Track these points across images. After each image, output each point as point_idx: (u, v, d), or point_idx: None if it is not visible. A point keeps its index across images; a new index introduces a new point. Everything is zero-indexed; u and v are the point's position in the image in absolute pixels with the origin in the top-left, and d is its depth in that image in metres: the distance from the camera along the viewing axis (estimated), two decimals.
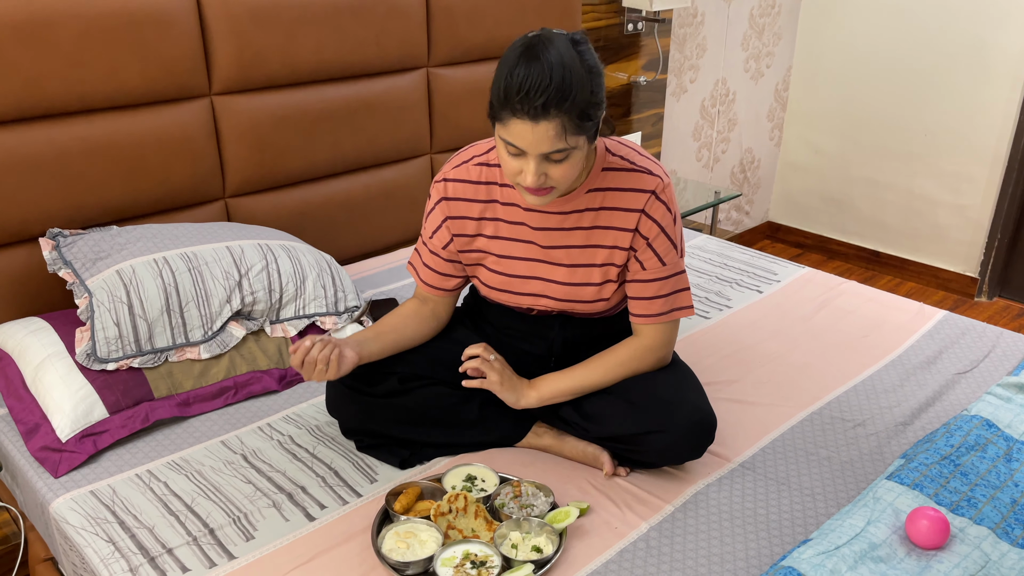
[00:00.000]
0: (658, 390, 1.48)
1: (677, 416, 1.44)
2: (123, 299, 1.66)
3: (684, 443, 1.45)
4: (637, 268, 1.47)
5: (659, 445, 1.45)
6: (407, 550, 1.30)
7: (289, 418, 1.69)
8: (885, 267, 3.85)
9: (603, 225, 1.45)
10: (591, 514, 1.43)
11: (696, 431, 1.45)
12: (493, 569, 1.26)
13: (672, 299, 1.49)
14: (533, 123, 1.24)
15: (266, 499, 1.45)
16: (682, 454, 1.47)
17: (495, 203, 1.48)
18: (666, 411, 1.45)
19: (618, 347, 1.52)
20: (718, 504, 1.46)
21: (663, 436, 1.44)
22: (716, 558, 1.33)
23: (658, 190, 1.42)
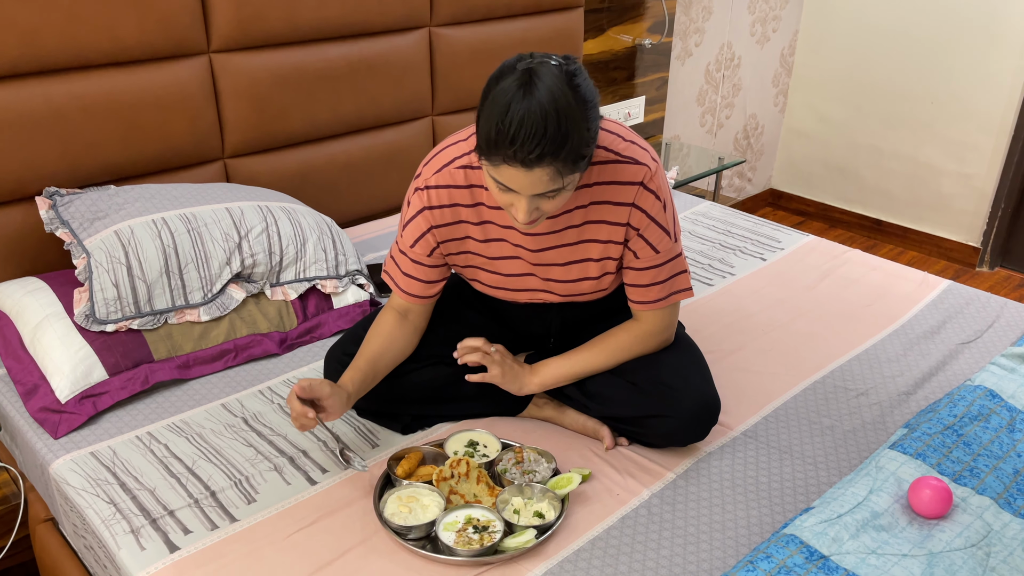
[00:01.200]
0: (662, 374, 1.46)
1: (681, 401, 1.43)
2: (122, 260, 1.64)
3: (687, 428, 1.44)
4: (631, 257, 1.41)
5: (662, 429, 1.45)
6: (409, 514, 1.29)
7: (290, 382, 1.68)
8: (887, 236, 3.84)
9: (594, 220, 1.38)
10: (593, 481, 1.42)
11: (700, 416, 1.44)
12: (495, 534, 1.26)
13: (670, 284, 1.44)
14: (527, 170, 1.16)
15: (267, 462, 1.45)
16: (685, 437, 1.46)
17: (481, 206, 1.40)
18: (669, 396, 1.43)
19: (619, 331, 1.49)
20: (720, 472, 1.46)
21: (666, 421, 1.43)
22: (718, 525, 1.33)
23: (646, 180, 1.35)
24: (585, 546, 1.29)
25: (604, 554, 1.27)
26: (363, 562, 1.24)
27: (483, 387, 1.56)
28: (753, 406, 1.64)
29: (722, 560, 1.26)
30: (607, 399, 1.49)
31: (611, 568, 1.24)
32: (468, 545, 1.24)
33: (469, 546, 1.24)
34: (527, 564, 1.25)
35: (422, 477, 1.39)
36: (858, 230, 3.92)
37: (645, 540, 1.30)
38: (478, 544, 1.24)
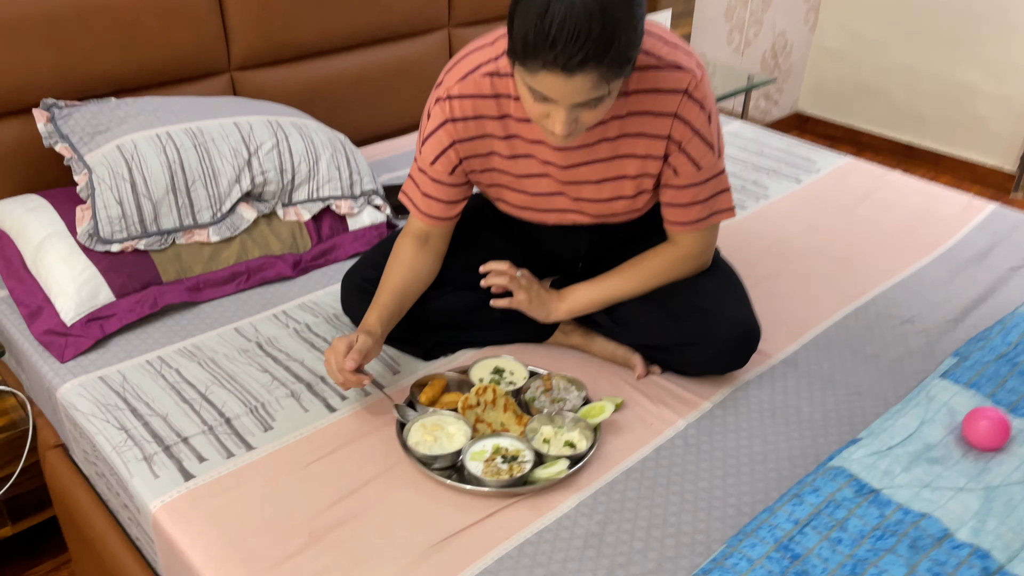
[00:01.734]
0: (698, 299, 1.37)
1: (718, 327, 1.34)
2: (125, 176, 1.55)
3: (725, 355, 1.36)
4: (670, 174, 1.30)
5: (698, 357, 1.37)
6: (434, 443, 1.23)
7: (305, 306, 1.60)
8: (918, 161, 3.70)
9: (631, 133, 1.27)
10: (625, 410, 1.36)
11: (739, 343, 1.35)
12: (525, 464, 1.20)
13: (711, 203, 1.33)
14: (567, 76, 1.05)
15: (284, 388, 1.38)
16: (722, 365, 1.38)
17: (508, 119, 1.28)
18: (706, 322, 1.35)
19: (653, 255, 1.40)
20: (759, 402, 1.38)
21: (703, 348, 1.35)
22: (758, 456, 1.27)
23: (691, 88, 1.24)
24: (619, 477, 1.22)
25: (639, 485, 1.21)
26: (386, 492, 1.18)
27: (508, 313, 1.48)
28: (792, 333, 1.56)
29: (764, 493, 1.20)
30: (639, 326, 1.41)
31: (646, 500, 1.18)
32: (497, 475, 1.18)
33: (498, 476, 1.17)
34: (558, 495, 1.19)
35: (446, 405, 1.32)
36: (888, 155, 3.78)
37: (682, 472, 1.24)
38: (507, 475, 1.18)
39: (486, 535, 1.12)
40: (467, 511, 1.15)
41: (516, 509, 1.16)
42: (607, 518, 1.15)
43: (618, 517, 1.15)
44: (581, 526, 1.14)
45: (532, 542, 1.11)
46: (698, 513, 1.16)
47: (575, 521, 1.15)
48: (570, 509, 1.16)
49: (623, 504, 1.18)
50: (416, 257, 1.40)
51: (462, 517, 1.14)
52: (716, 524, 1.15)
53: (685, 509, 1.17)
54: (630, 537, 1.12)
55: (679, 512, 1.17)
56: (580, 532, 1.13)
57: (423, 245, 1.41)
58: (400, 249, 1.40)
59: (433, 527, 1.13)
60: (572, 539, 1.12)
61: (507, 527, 1.13)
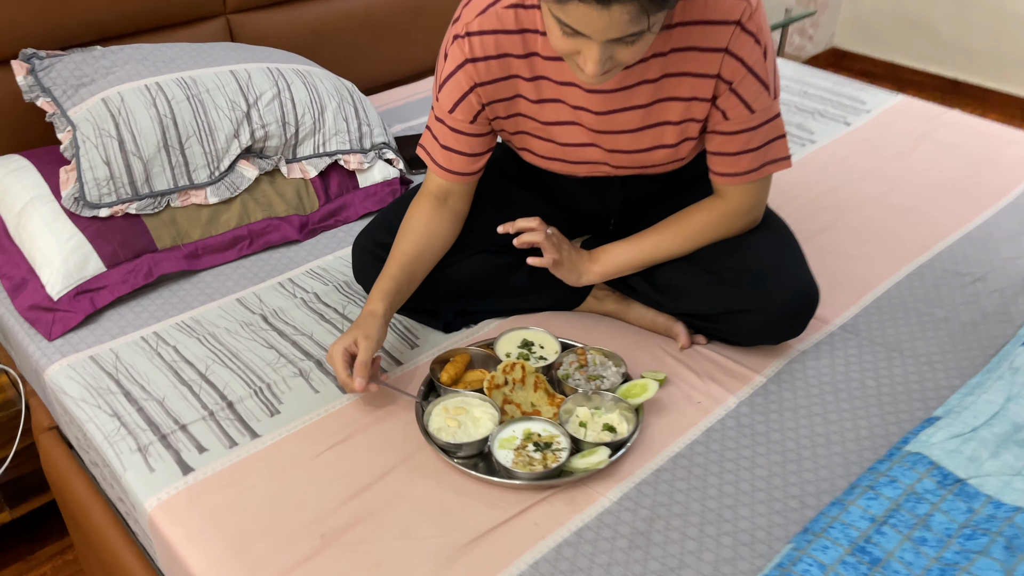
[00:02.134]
0: (749, 260, 1.22)
1: (773, 292, 1.19)
2: (112, 133, 1.41)
3: (780, 324, 1.22)
4: (719, 119, 1.15)
5: (750, 326, 1.22)
6: (458, 429, 1.10)
7: (314, 273, 1.47)
8: (964, 98, 3.47)
9: (675, 72, 1.12)
10: (668, 386, 1.22)
11: (795, 309, 1.21)
12: (560, 452, 1.07)
13: (764, 152, 1.18)
14: (602, 7, 0.90)
15: (291, 367, 1.25)
16: (777, 335, 1.24)
17: (535, 57, 1.14)
18: (760, 286, 1.20)
19: (697, 210, 1.24)
20: (818, 375, 1.24)
21: (755, 316, 1.21)
22: (821, 438, 1.13)
23: (744, 18, 1.08)
24: (666, 465, 1.09)
25: (688, 474, 1.08)
26: (406, 485, 1.06)
27: (535, 278, 1.34)
28: (850, 295, 1.40)
29: (830, 482, 1.07)
30: (681, 292, 1.26)
31: (697, 491, 1.05)
32: (529, 466, 1.05)
33: (530, 467, 1.05)
34: (598, 487, 1.06)
35: (471, 384, 1.19)
36: (931, 92, 3.55)
37: (735, 457, 1.10)
38: (540, 465, 1.05)
39: (519, 535, 1.00)
40: (496, 507, 1.03)
41: (551, 504, 1.04)
42: (654, 513, 1.02)
43: (666, 512, 1.03)
44: (625, 523, 1.01)
45: (571, 543, 0.99)
46: (756, 506, 1.03)
47: (618, 517, 1.02)
48: (612, 503, 1.04)
49: (671, 496, 1.05)
50: (432, 220, 1.25)
51: (491, 514, 1.02)
52: (777, 519, 1.02)
53: (741, 502, 1.04)
54: (681, 536, 1.00)
55: (735, 505, 1.04)
56: (624, 530, 1.00)
57: (441, 205, 1.26)
58: (414, 213, 1.26)
59: (459, 526, 1.01)
60: (616, 538, 0.99)
61: (542, 525, 1.01)
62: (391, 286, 1.20)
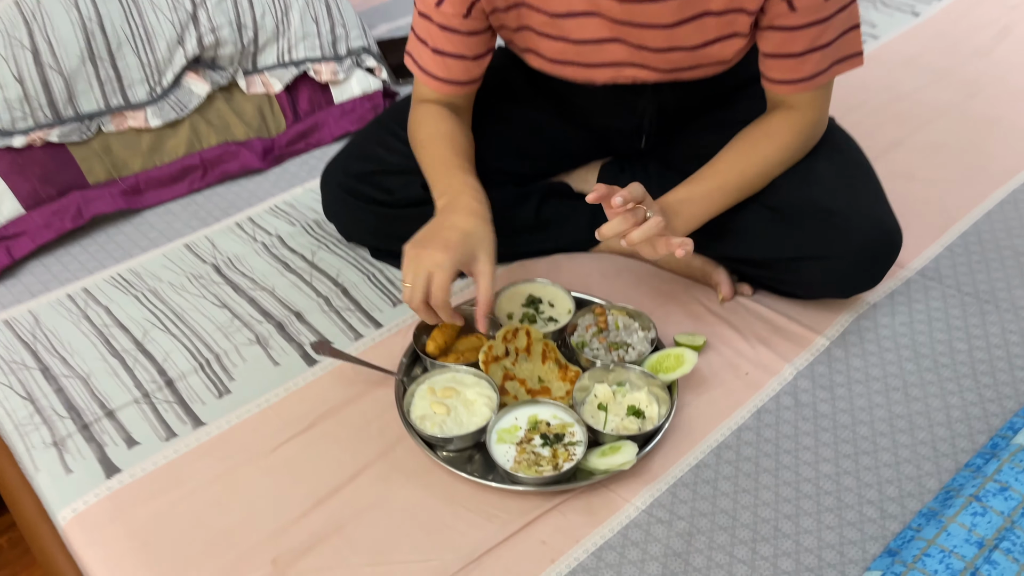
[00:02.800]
0: (818, 193, 0.96)
1: (849, 235, 0.95)
2: (24, 43, 1.15)
3: (854, 273, 0.97)
4: (781, 9, 0.88)
5: (817, 276, 0.98)
6: (447, 417, 0.88)
7: (278, 210, 1.23)
8: None
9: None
10: (707, 352, 0.99)
11: (874, 255, 0.96)
12: (575, 448, 0.85)
13: (835, 48, 0.92)
14: None
15: (247, 332, 1.03)
16: (848, 286, 1.00)
17: None
18: (832, 227, 0.95)
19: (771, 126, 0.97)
20: (893, 335, 1.01)
21: (825, 264, 0.96)
22: (901, 421, 0.90)
23: None
24: (707, 459, 0.87)
25: (736, 471, 0.86)
26: (382, 490, 0.85)
27: (544, 214, 1.11)
28: (928, 232, 1.15)
29: (916, 481, 0.84)
30: (732, 232, 1.01)
31: (748, 495, 0.84)
32: (535, 468, 0.83)
33: (537, 469, 0.83)
34: (622, 490, 0.84)
35: (464, 355, 0.96)
36: None
37: (795, 447, 0.88)
38: (549, 465, 0.83)
39: (522, 557, 0.79)
40: (494, 519, 0.82)
41: (563, 514, 0.82)
42: (693, 526, 0.81)
43: (709, 524, 0.81)
44: (657, 540, 0.80)
45: (588, 568, 0.78)
46: (823, 516, 0.82)
47: (648, 532, 0.81)
48: (640, 513, 0.82)
49: (715, 503, 0.83)
50: (450, 119, 1.00)
51: (487, 529, 0.81)
52: (851, 534, 0.80)
53: (803, 509, 0.82)
54: (728, 558, 0.78)
55: (795, 515, 0.82)
56: (656, 550, 0.79)
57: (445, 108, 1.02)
58: (430, 114, 1.01)
59: (446, 546, 0.80)
60: (645, 561, 0.78)
61: (552, 544, 0.80)
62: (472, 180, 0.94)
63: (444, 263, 0.86)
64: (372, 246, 1.13)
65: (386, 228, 1.07)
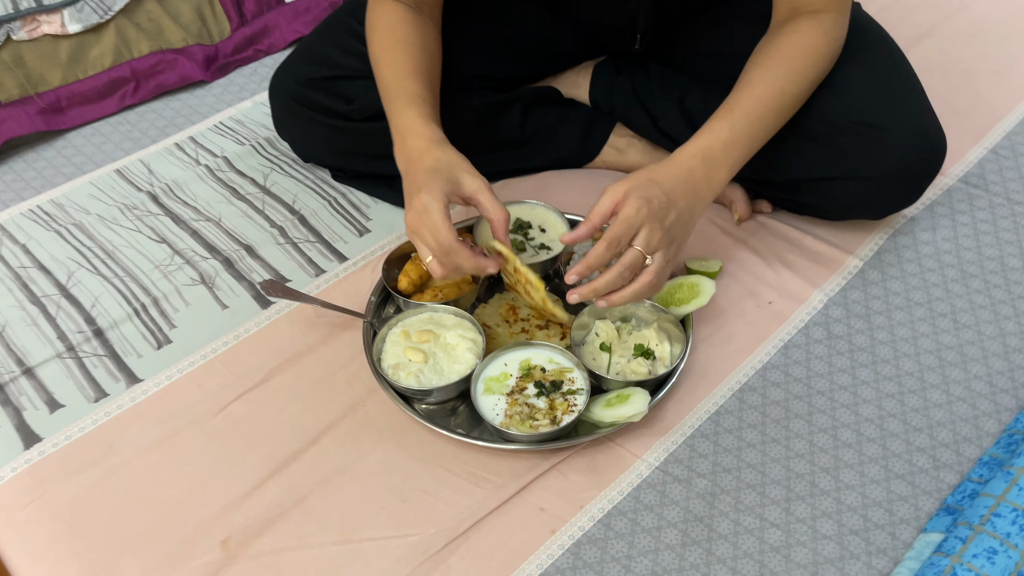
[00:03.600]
0: (851, 101, 0.81)
1: (889, 152, 0.80)
2: None
3: (895, 192, 0.84)
4: None
5: (851, 198, 0.84)
6: (425, 365, 0.75)
7: (225, 128, 1.07)
8: None
9: None
10: (724, 278, 0.86)
11: (917, 170, 0.82)
12: (576, 397, 0.72)
13: None
14: None
15: (190, 270, 0.89)
16: (885, 206, 0.86)
17: None
18: (870, 144, 0.80)
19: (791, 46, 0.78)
20: (936, 253, 0.88)
21: (862, 184, 0.82)
22: (951, 353, 0.78)
23: None
24: (729, 404, 0.75)
25: (763, 418, 0.74)
26: (350, 454, 0.72)
27: (530, 125, 0.96)
28: (970, 133, 1.01)
29: (973, 423, 0.73)
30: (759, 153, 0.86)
31: (779, 446, 0.72)
32: (529, 424, 0.70)
33: (531, 426, 0.70)
34: (633, 445, 0.72)
35: (443, 291, 0.82)
36: None
37: (829, 387, 0.76)
38: (546, 419, 0.71)
39: (517, 529, 0.67)
40: (484, 483, 0.70)
41: (564, 476, 0.70)
42: (716, 484, 0.69)
43: (735, 482, 0.69)
44: (675, 502, 0.68)
45: (595, 538, 0.66)
46: (867, 468, 0.70)
47: (664, 494, 0.69)
48: (654, 471, 0.70)
49: (740, 456, 0.71)
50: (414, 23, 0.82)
51: (475, 496, 0.69)
52: (900, 488, 0.69)
53: (843, 460, 0.71)
54: (759, 522, 0.67)
55: (835, 467, 0.70)
56: (675, 515, 0.67)
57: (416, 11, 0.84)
58: (387, 15, 0.82)
59: (428, 518, 0.68)
60: (662, 528, 0.67)
61: (552, 511, 0.68)
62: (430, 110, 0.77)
63: (429, 201, 0.69)
64: (332, 166, 0.97)
65: (347, 145, 0.91)
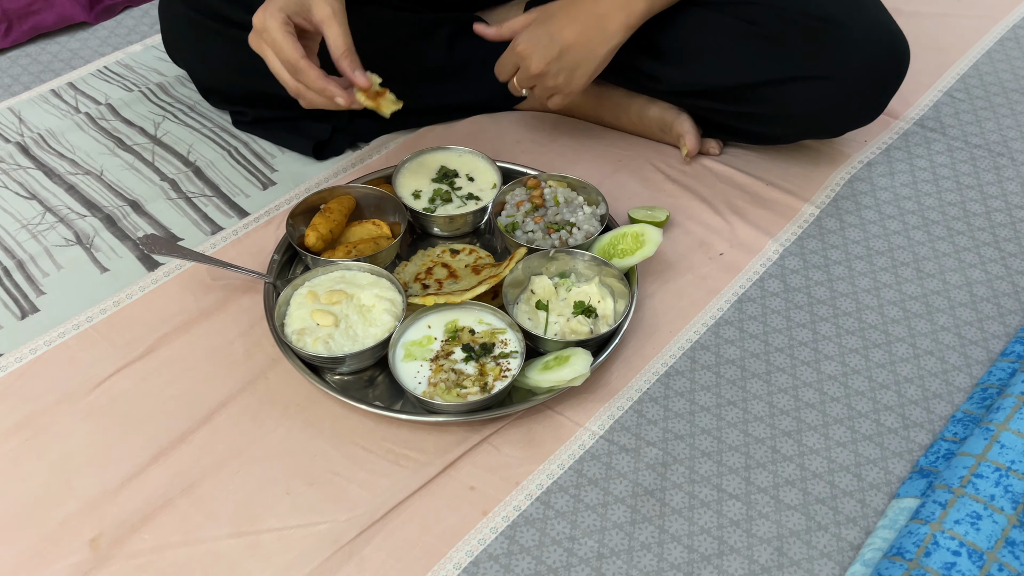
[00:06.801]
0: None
1: (852, 48, 0.73)
2: None
3: (856, 98, 0.76)
4: None
5: (807, 104, 0.76)
6: (335, 329, 0.65)
7: (110, 73, 0.95)
8: None
9: None
10: (670, 229, 0.78)
11: (882, 75, 0.76)
12: (510, 360, 0.64)
13: None
14: None
15: (64, 229, 0.77)
16: (847, 117, 0.79)
17: None
18: (831, 40, 0.73)
19: None
20: (895, 199, 0.81)
21: (821, 86, 0.75)
22: (916, 304, 0.72)
23: None
24: (679, 364, 0.67)
25: (717, 379, 0.66)
26: (249, 431, 0.63)
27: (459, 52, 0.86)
28: (923, 75, 0.95)
29: (942, 378, 0.66)
30: (698, 54, 0.78)
31: (736, 409, 0.64)
32: (455, 391, 0.62)
33: (458, 393, 0.61)
34: (574, 412, 0.64)
35: (357, 247, 0.72)
36: None
37: (788, 343, 0.69)
38: (476, 387, 0.62)
39: (444, 511, 0.58)
40: (405, 462, 0.61)
41: (497, 449, 0.62)
42: (668, 453, 0.62)
43: (688, 450, 0.62)
44: (622, 474, 0.60)
45: (533, 519, 0.58)
46: (831, 429, 0.63)
47: (609, 465, 0.61)
48: (598, 440, 0.62)
49: (693, 422, 0.63)
50: None
51: (396, 477, 0.60)
52: (868, 450, 0.62)
53: (806, 423, 0.64)
54: (717, 493, 0.59)
55: (797, 430, 0.63)
56: (622, 489, 0.59)
57: None
58: None
59: (340, 503, 0.58)
60: (608, 504, 0.59)
61: (483, 490, 0.59)
62: None
63: (265, 19, 0.65)
64: (233, 98, 0.86)
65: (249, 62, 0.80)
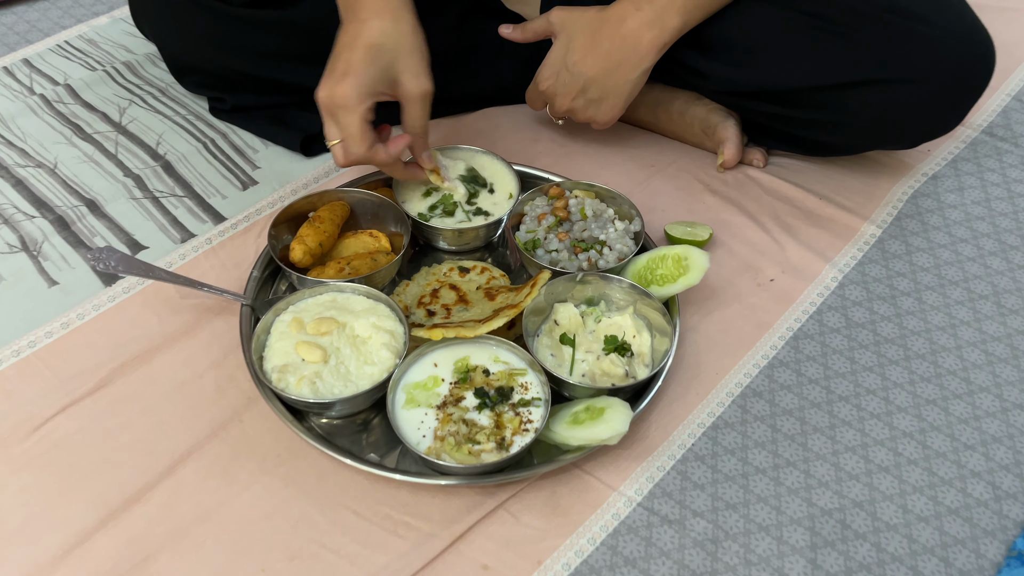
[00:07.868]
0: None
1: (935, 48, 0.64)
2: None
3: (937, 104, 0.66)
4: None
5: (879, 111, 0.66)
6: (324, 367, 0.54)
7: (71, 49, 0.84)
8: None
9: None
10: (712, 249, 0.68)
11: (967, 78, 0.66)
12: (531, 410, 0.53)
13: None
14: None
15: (7, 232, 0.67)
16: (923, 128, 0.69)
17: None
18: (911, 38, 0.64)
19: None
20: (967, 218, 0.72)
21: (898, 91, 0.65)
22: (1001, 346, 0.62)
23: None
24: (729, 416, 0.57)
25: (773, 433, 0.57)
26: (218, 489, 0.53)
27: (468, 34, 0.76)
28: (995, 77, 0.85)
29: None
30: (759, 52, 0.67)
31: (797, 472, 0.55)
32: (466, 448, 0.51)
33: (469, 451, 0.51)
34: (606, 474, 0.54)
35: (351, 264, 0.62)
36: None
37: (854, 391, 0.59)
38: (491, 443, 0.52)
39: None
40: (405, 533, 0.51)
41: (516, 519, 0.52)
42: (718, 527, 0.52)
43: (742, 523, 0.52)
44: (665, 551, 0.50)
45: None
46: (910, 499, 0.54)
47: (649, 540, 0.51)
48: (635, 508, 0.52)
49: (747, 486, 0.54)
50: None
51: (393, 553, 0.50)
52: (954, 527, 0.52)
53: (880, 492, 0.54)
54: None
55: (869, 501, 0.53)
56: (664, 572, 0.50)
57: None
58: None
59: None
60: None
61: (498, 571, 0.50)
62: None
63: (349, 97, 0.56)
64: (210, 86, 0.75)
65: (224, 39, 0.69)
